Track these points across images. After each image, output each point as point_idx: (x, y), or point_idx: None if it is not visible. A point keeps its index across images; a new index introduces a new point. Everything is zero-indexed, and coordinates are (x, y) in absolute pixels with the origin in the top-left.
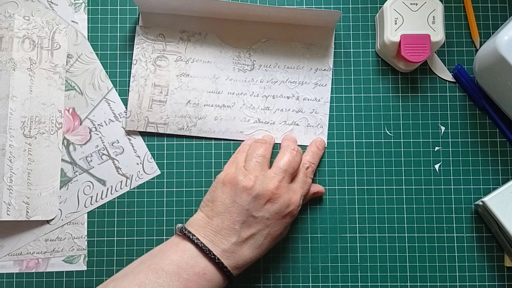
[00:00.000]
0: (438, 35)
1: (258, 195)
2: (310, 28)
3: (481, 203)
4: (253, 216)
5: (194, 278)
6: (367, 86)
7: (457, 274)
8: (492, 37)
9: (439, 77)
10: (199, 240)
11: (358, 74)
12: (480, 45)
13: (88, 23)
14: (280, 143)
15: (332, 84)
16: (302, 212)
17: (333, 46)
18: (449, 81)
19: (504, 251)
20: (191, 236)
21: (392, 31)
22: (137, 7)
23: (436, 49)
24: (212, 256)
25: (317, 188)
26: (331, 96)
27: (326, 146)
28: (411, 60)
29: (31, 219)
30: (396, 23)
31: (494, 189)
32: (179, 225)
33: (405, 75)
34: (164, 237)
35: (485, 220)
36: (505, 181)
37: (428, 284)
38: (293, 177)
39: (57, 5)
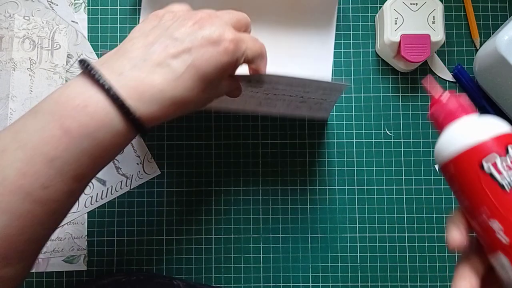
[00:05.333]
0: (438, 35)
1: (185, 16)
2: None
3: None
4: (175, 38)
5: (72, 113)
6: (367, 86)
7: None
8: (492, 37)
9: (439, 77)
10: (87, 61)
11: (358, 74)
12: (480, 45)
13: (88, 23)
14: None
15: None
16: (302, 212)
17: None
18: (449, 81)
19: None
20: (83, 61)
21: (392, 31)
22: (137, 8)
23: (436, 49)
24: (97, 77)
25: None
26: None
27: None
28: (411, 60)
29: None
30: (396, 23)
31: None
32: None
33: (405, 75)
34: (165, 237)
35: None
36: None
37: (428, 284)
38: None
39: (57, 5)
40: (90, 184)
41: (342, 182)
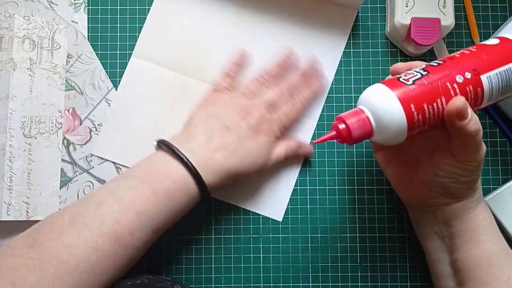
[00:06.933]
0: (448, 19)
1: (231, 109)
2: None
3: None
4: (227, 127)
5: (160, 178)
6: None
7: None
8: (492, 37)
9: None
10: (167, 141)
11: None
12: None
13: (88, 23)
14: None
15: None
16: (302, 212)
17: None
18: None
19: None
20: (161, 141)
21: (403, 13)
22: (137, 8)
23: (445, 33)
24: (177, 152)
25: (303, 144)
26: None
27: (329, 84)
28: (420, 43)
29: (31, 219)
30: (407, 6)
31: (494, 189)
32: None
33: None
34: (164, 237)
35: None
36: (505, 181)
37: (429, 284)
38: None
39: (57, 5)
40: (90, 184)
41: (342, 182)
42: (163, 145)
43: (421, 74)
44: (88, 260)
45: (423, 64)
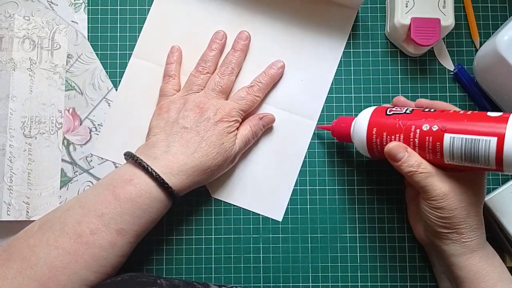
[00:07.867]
0: (448, 19)
1: (186, 109)
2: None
3: None
4: (186, 128)
5: (122, 185)
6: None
7: None
8: (492, 37)
9: (446, 70)
10: (131, 152)
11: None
12: (480, 45)
13: (88, 23)
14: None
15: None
16: (302, 212)
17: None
18: (449, 70)
19: (504, 251)
20: (126, 153)
21: (402, 14)
22: (137, 8)
23: (445, 33)
24: (139, 161)
25: (262, 115)
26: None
27: (284, 66)
28: (420, 43)
29: (31, 219)
30: (407, 6)
31: (494, 189)
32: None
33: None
34: (164, 237)
35: (485, 220)
36: (505, 181)
37: (428, 284)
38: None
39: (57, 5)
40: (90, 184)
41: (342, 182)
42: (128, 157)
43: (404, 112)
44: (48, 256)
45: (445, 106)
